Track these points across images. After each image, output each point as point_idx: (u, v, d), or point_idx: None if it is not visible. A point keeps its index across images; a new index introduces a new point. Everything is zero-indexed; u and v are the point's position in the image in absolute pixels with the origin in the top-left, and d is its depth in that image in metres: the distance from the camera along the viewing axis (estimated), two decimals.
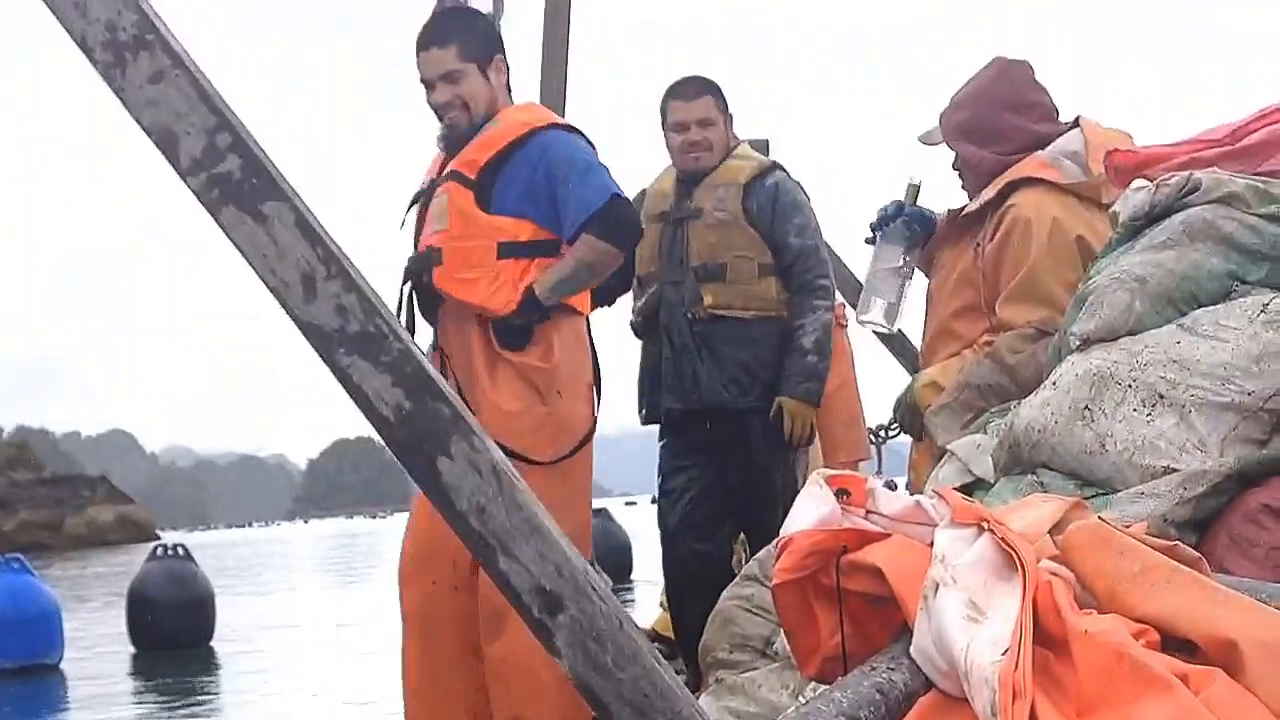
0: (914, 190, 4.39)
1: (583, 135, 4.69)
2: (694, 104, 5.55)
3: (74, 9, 2.20)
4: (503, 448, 4.39)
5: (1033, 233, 3.89)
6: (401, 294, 4.71)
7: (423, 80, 4.66)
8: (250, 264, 2.33)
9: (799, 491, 5.66)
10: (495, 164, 4.55)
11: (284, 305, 2.29)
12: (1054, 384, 2.91)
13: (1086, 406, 2.80)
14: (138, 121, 2.22)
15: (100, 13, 2.20)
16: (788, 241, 5.44)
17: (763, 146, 6.08)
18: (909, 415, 4.09)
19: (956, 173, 4.23)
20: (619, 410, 5.87)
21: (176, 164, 2.24)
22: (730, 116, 5.63)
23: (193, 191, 2.25)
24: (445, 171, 4.61)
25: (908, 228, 4.32)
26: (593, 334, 4.85)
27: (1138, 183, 3.21)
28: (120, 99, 2.22)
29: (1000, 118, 4.10)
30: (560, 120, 4.81)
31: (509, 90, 4.76)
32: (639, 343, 5.74)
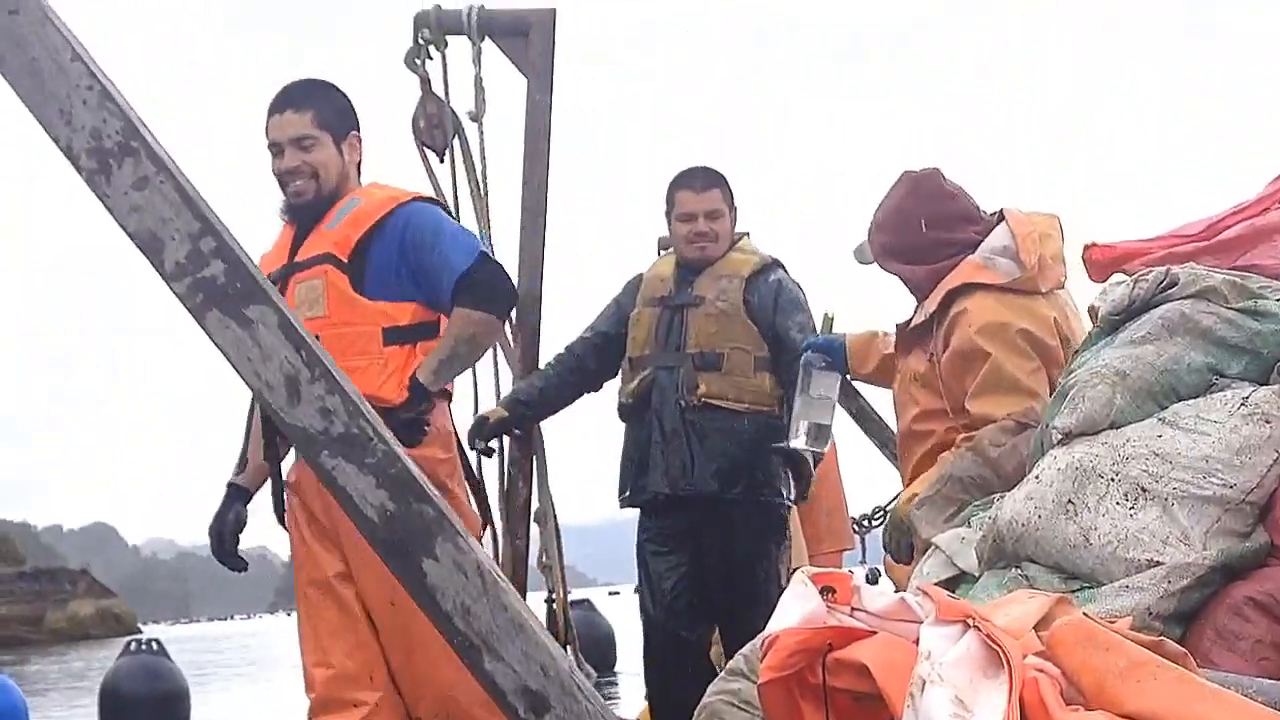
0: (829, 322, 4.78)
1: (445, 208, 4.53)
2: (704, 196, 5.58)
3: (59, 117, 2.22)
4: None
5: (980, 339, 3.98)
6: None
7: (270, 144, 4.46)
8: (234, 367, 2.34)
9: (781, 585, 5.68)
10: (365, 243, 4.34)
11: (268, 407, 2.30)
12: (1037, 478, 2.91)
13: (1069, 500, 2.80)
14: (122, 227, 2.24)
15: (85, 120, 2.22)
16: (790, 336, 5.40)
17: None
18: (895, 535, 4.05)
19: (897, 277, 4.33)
20: (602, 498, 5.86)
21: (161, 269, 2.25)
22: (736, 209, 5.67)
23: (177, 296, 2.26)
24: (313, 253, 4.38)
25: (823, 360, 4.65)
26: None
27: (1116, 278, 3.23)
28: (104, 205, 2.23)
29: (920, 236, 4.22)
30: (422, 194, 4.63)
31: (359, 171, 4.57)
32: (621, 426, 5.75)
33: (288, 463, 4.49)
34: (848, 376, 4.69)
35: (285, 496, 4.41)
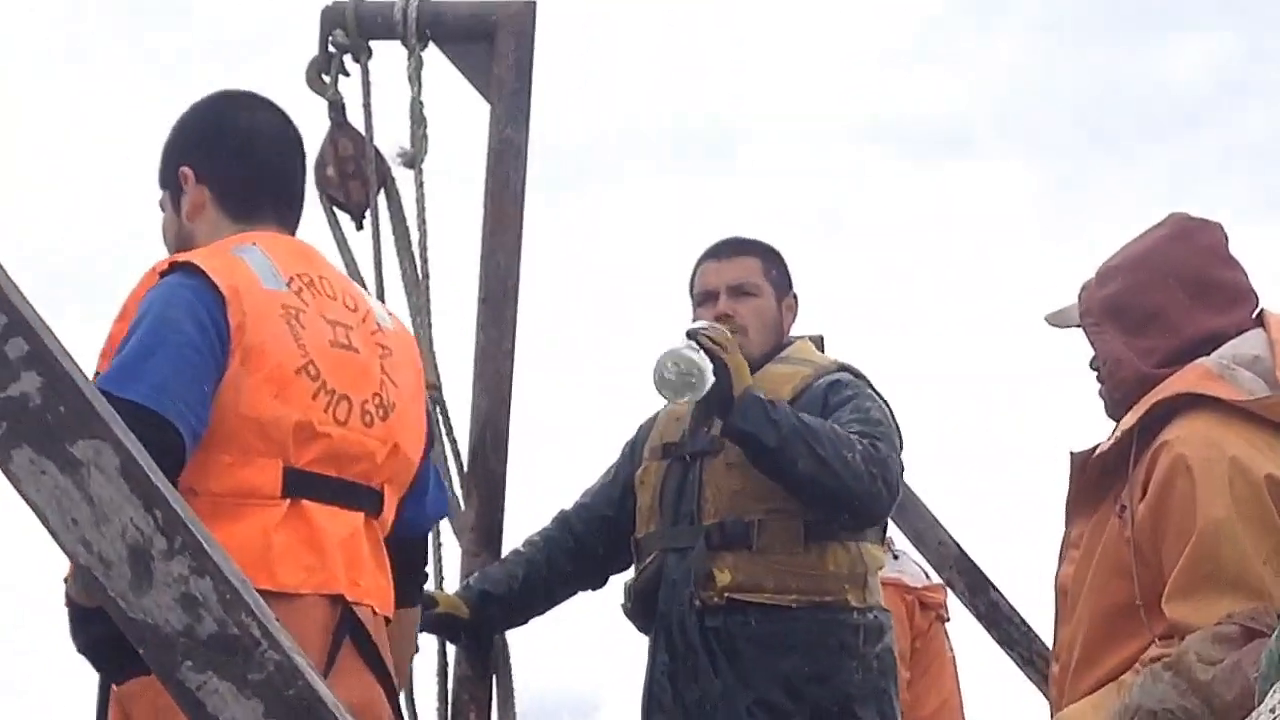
0: None
1: (191, 274, 4.23)
2: (729, 264, 5.53)
3: None
4: None
5: (1200, 483, 3.84)
6: None
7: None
8: (51, 532, 2.35)
9: None
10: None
11: (104, 595, 2.31)
12: (1274, 712, 2.90)
13: None
14: None
15: None
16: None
17: (817, 344, 6.04)
18: None
19: (1095, 375, 4.20)
20: None
21: None
22: (792, 298, 5.61)
23: None
24: None
25: None
26: None
27: None
28: None
29: (1167, 297, 4.06)
30: (188, 259, 4.33)
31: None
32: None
33: None
34: None
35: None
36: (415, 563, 4.66)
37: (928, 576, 7.39)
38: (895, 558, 7.58)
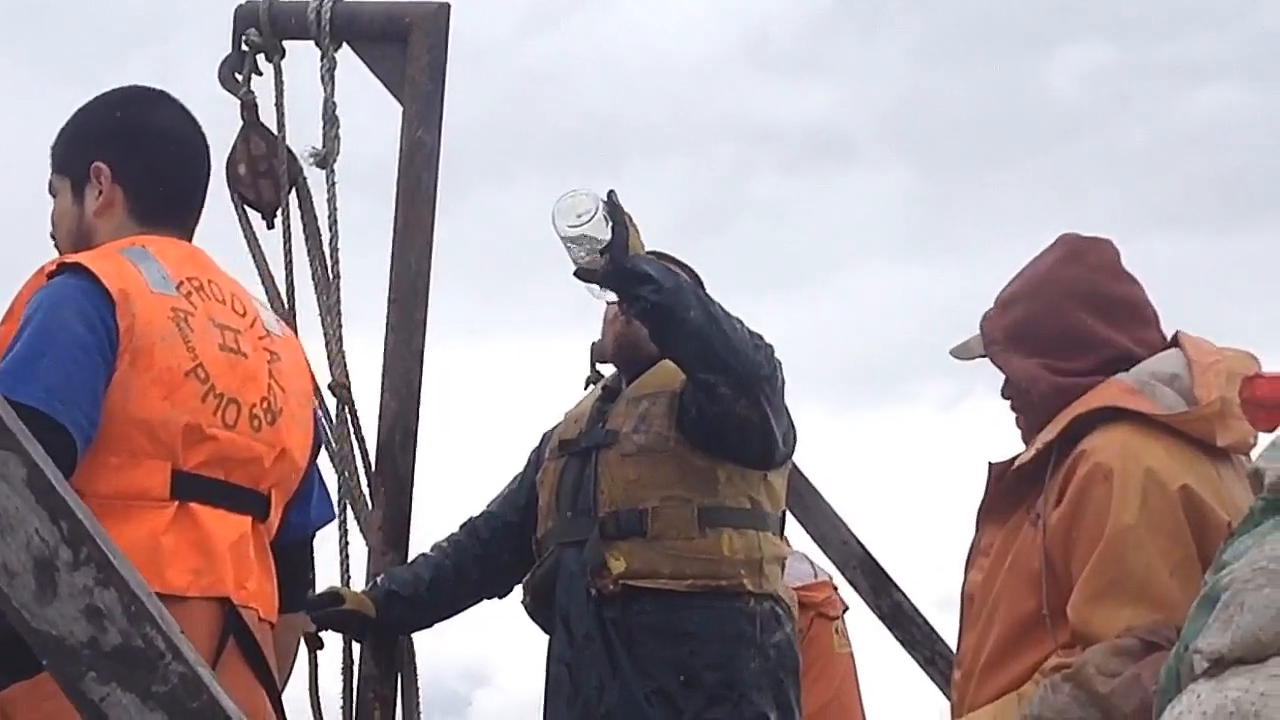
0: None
1: (80, 276, 4.21)
2: None
3: None
4: None
5: (1115, 490, 3.84)
6: None
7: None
8: None
9: None
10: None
11: (8, 605, 2.28)
12: None
13: None
14: None
15: None
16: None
17: None
18: None
19: (1010, 404, 4.19)
20: None
21: None
22: None
23: None
24: None
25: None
26: None
27: None
28: None
29: (1070, 318, 4.07)
30: (76, 260, 4.29)
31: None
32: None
33: None
34: None
35: None
36: (300, 569, 4.66)
37: (815, 576, 7.37)
38: None
